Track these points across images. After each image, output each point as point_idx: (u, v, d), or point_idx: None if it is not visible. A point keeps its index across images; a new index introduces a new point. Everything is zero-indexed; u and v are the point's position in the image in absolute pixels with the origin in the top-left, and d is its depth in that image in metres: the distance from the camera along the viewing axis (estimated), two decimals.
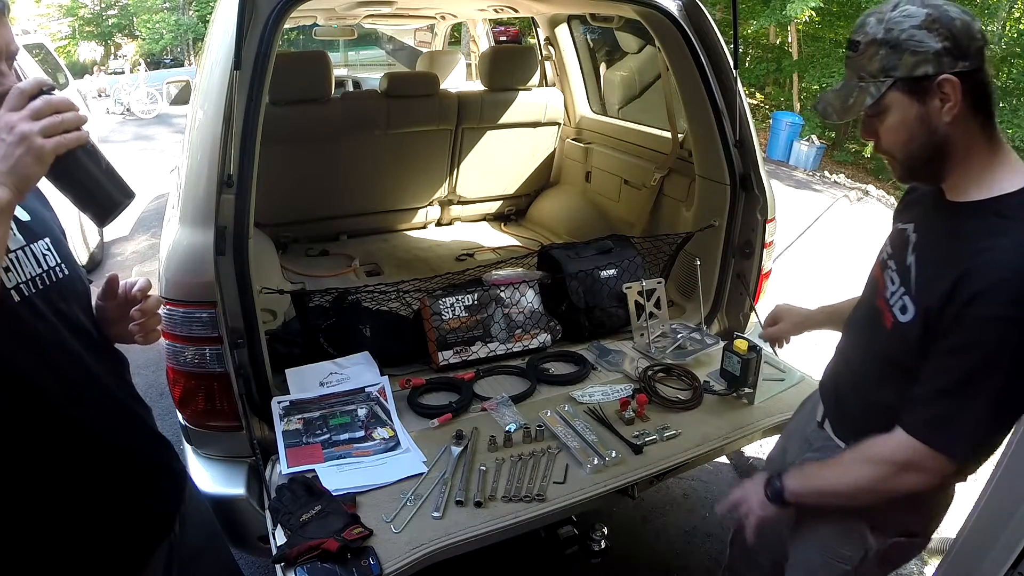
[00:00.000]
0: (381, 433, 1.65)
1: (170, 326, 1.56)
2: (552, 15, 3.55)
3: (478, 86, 3.64)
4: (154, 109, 12.62)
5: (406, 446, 1.61)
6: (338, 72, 5.40)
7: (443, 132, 3.35)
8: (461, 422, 1.72)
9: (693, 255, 2.31)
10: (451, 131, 3.36)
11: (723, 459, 2.56)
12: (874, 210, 7.60)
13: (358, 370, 1.85)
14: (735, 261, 2.28)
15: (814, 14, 9.43)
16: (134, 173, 7.67)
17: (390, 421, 1.69)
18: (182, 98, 3.46)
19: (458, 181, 3.59)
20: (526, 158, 3.68)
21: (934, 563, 2.50)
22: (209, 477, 1.65)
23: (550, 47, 3.71)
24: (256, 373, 1.68)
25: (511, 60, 3.46)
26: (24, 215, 1.01)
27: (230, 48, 1.57)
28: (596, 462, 1.55)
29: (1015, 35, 9.51)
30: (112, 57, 26.92)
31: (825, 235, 3.89)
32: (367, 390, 1.78)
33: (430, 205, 3.65)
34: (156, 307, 1.11)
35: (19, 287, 0.92)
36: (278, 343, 1.95)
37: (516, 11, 3.40)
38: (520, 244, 3.49)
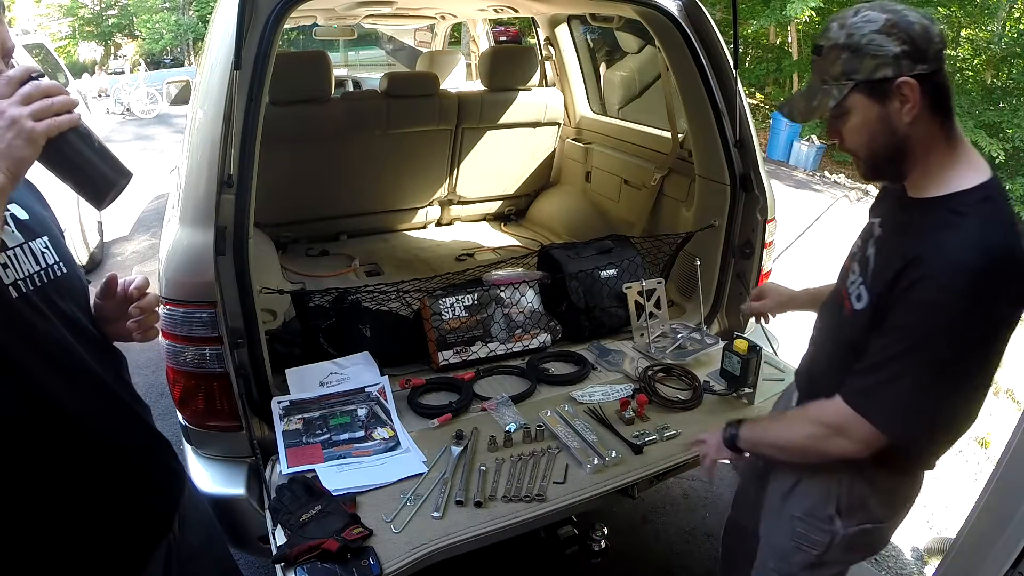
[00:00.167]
0: (381, 433, 1.65)
1: (170, 326, 1.56)
2: (552, 15, 3.55)
3: (478, 86, 3.64)
4: (154, 109, 12.62)
5: (406, 446, 1.61)
6: (338, 72, 5.40)
7: (443, 132, 3.35)
8: (461, 422, 1.72)
9: (693, 255, 2.31)
10: (451, 131, 3.36)
11: (723, 459, 2.56)
12: None
13: (358, 370, 1.85)
14: (735, 261, 2.28)
15: (814, 14, 9.43)
16: (134, 173, 7.67)
17: (390, 421, 1.69)
18: (182, 98, 3.46)
19: (458, 181, 3.59)
20: (526, 158, 3.68)
21: (934, 563, 2.50)
22: (209, 477, 1.65)
23: (550, 47, 3.71)
24: (256, 373, 1.68)
25: (511, 60, 3.46)
26: (23, 213, 1.01)
27: (230, 48, 1.57)
28: (596, 462, 1.55)
29: (1015, 35, 9.50)
30: (112, 57, 26.92)
31: (825, 235, 3.89)
32: (367, 390, 1.78)
33: (430, 205, 3.65)
34: (154, 305, 1.11)
35: (16, 284, 0.92)
36: (278, 343, 1.95)
37: (516, 11, 3.40)
38: (520, 244, 3.49)
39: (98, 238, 5.05)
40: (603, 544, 1.70)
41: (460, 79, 4.27)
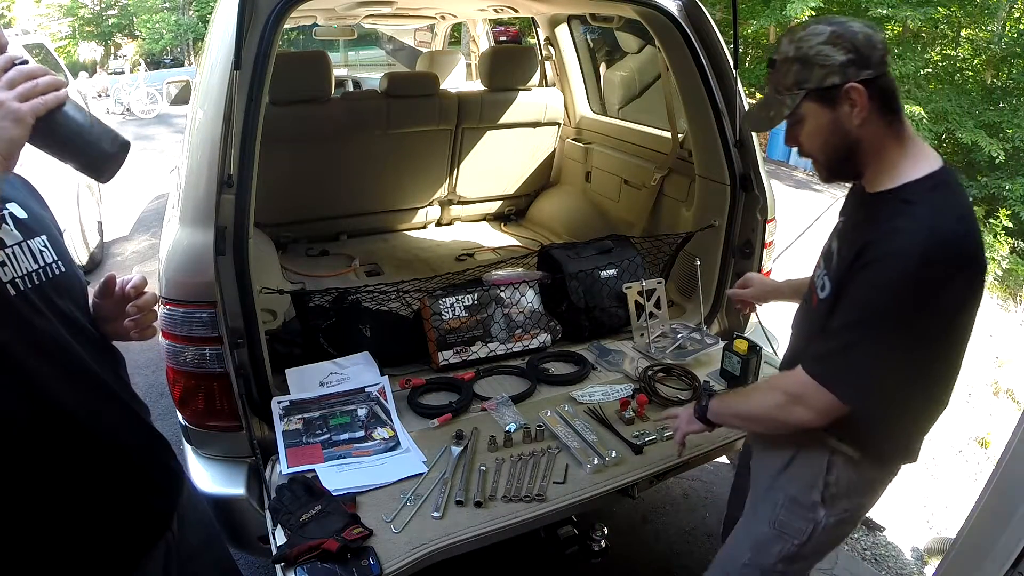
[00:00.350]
0: (381, 433, 1.65)
1: (170, 326, 1.56)
2: (552, 15, 3.55)
3: (478, 86, 3.64)
4: (154, 109, 12.61)
5: (406, 446, 1.61)
6: (338, 72, 5.40)
7: (443, 132, 3.35)
8: (461, 422, 1.72)
9: (693, 255, 2.31)
10: (451, 131, 3.36)
11: (723, 459, 2.56)
12: None
13: (358, 370, 1.85)
14: (735, 261, 2.28)
15: (814, 14, 9.43)
16: (134, 173, 7.68)
17: (390, 421, 1.69)
18: (182, 98, 3.46)
19: (458, 181, 3.59)
20: (526, 158, 3.68)
21: (934, 563, 2.51)
22: (209, 477, 1.65)
23: (550, 47, 3.71)
24: (256, 373, 1.68)
25: (511, 60, 3.46)
26: (21, 212, 1.02)
27: (230, 48, 1.57)
28: (596, 462, 1.55)
29: (1015, 35, 9.50)
30: (112, 57, 26.92)
31: (825, 235, 3.88)
32: (367, 390, 1.78)
33: (430, 205, 3.65)
34: (151, 304, 1.12)
35: (14, 281, 0.93)
36: (278, 343, 1.95)
37: (516, 11, 3.40)
38: (520, 244, 3.49)
39: (98, 238, 5.05)
40: (603, 544, 1.70)
41: (460, 79, 4.27)
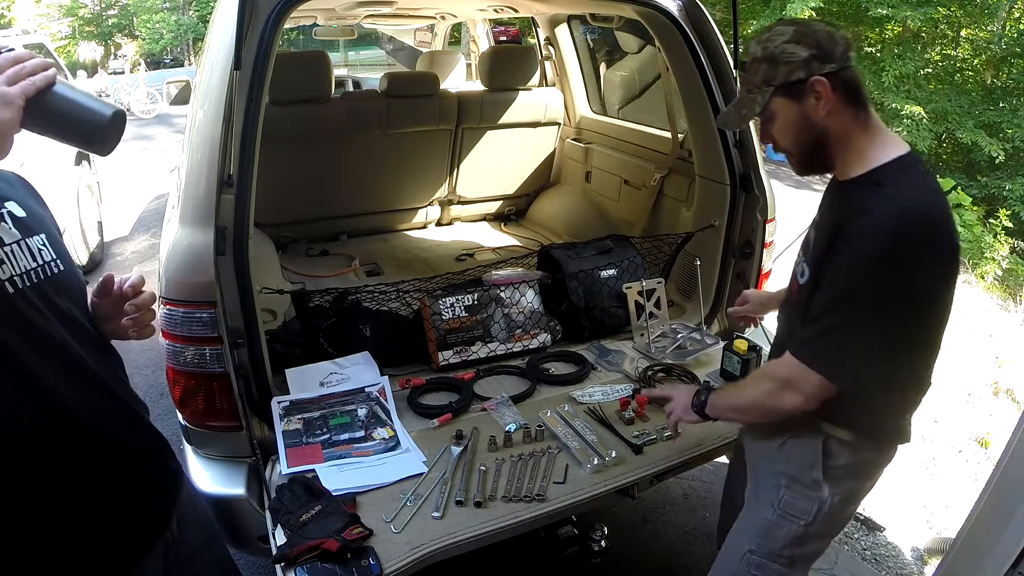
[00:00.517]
0: (381, 433, 1.65)
1: (170, 326, 1.56)
2: (552, 15, 3.55)
3: (478, 86, 3.64)
4: (154, 109, 12.60)
5: (406, 446, 1.61)
6: (338, 72, 5.40)
7: (443, 132, 3.35)
8: (461, 422, 1.72)
9: (693, 255, 2.31)
10: (451, 131, 3.36)
11: (723, 459, 2.56)
12: None
13: (358, 370, 1.85)
14: (735, 261, 2.28)
15: (814, 14, 9.42)
16: (134, 173, 7.67)
17: (390, 421, 1.69)
18: (182, 98, 3.45)
19: (458, 181, 3.59)
20: (526, 158, 3.68)
21: (934, 563, 2.50)
22: (209, 477, 1.65)
23: (550, 47, 3.71)
24: (256, 373, 1.68)
25: (511, 60, 3.46)
26: (20, 211, 1.02)
27: (230, 48, 1.57)
28: (596, 462, 1.55)
29: (1015, 35, 9.50)
30: (112, 57, 26.89)
31: None
32: (367, 390, 1.78)
33: (430, 205, 3.65)
34: (150, 302, 1.12)
35: (13, 279, 0.93)
36: (278, 343, 1.95)
37: (516, 11, 3.40)
38: (520, 244, 3.49)
39: (98, 238, 5.04)
40: (603, 544, 1.70)
41: (460, 79, 4.27)
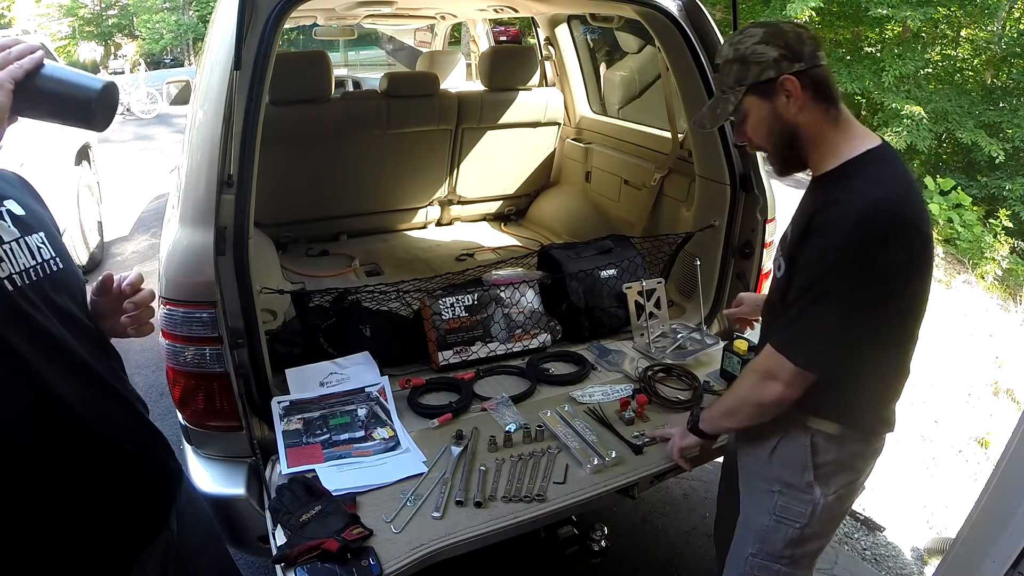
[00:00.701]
0: (381, 433, 1.65)
1: (170, 326, 1.56)
2: (552, 15, 3.55)
3: (478, 86, 3.64)
4: (154, 109, 12.58)
5: (406, 446, 1.61)
6: (338, 72, 5.40)
7: (443, 132, 3.35)
8: (461, 422, 1.72)
9: (693, 255, 2.30)
10: (451, 131, 3.36)
11: (722, 460, 2.57)
12: None
13: (358, 370, 1.85)
14: (735, 261, 2.28)
15: (814, 14, 9.42)
16: (134, 173, 7.67)
17: (390, 421, 1.69)
18: (182, 98, 3.45)
19: (458, 181, 3.59)
20: (526, 158, 3.68)
21: (934, 563, 2.50)
22: (209, 477, 1.65)
23: (550, 47, 3.71)
24: (256, 373, 1.68)
25: (511, 60, 3.45)
26: (18, 209, 1.02)
27: (230, 48, 1.57)
28: (596, 462, 1.55)
29: (1015, 35, 9.49)
30: (112, 57, 26.90)
31: None
32: (367, 390, 1.78)
33: (430, 205, 3.65)
34: (148, 300, 1.12)
35: (12, 277, 0.93)
36: (278, 343, 1.94)
37: (516, 11, 3.40)
38: (520, 244, 3.49)
39: (98, 238, 5.04)
40: (603, 544, 1.70)
41: (460, 79, 4.26)
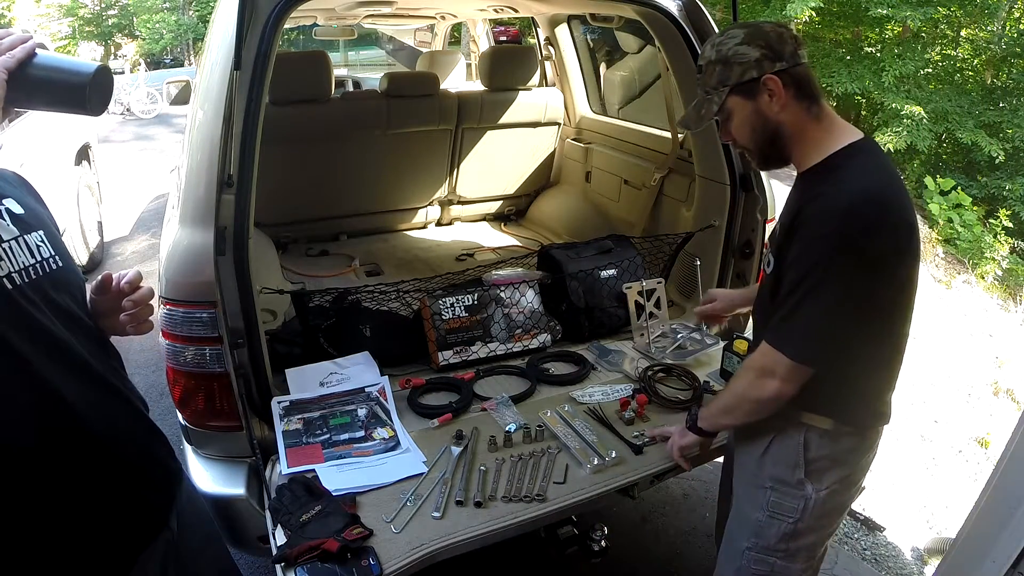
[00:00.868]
0: (381, 433, 1.65)
1: (170, 326, 1.56)
2: (552, 15, 3.55)
3: (478, 86, 3.64)
4: (154, 109, 12.58)
5: (406, 446, 1.61)
6: (338, 72, 5.40)
7: (443, 132, 3.35)
8: (461, 422, 1.72)
9: (693, 255, 2.31)
10: (451, 131, 3.36)
11: (722, 459, 2.57)
12: None
13: (358, 370, 1.85)
14: (735, 261, 2.28)
15: (814, 14, 9.42)
16: (134, 173, 7.67)
17: (390, 421, 1.69)
18: (182, 98, 3.45)
19: (458, 181, 3.59)
20: (526, 158, 3.68)
21: (934, 563, 2.50)
22: (209, 477, 1.65)
23: (550, 47, 3.71)
24: (256, 373, 1.68)
25: (511, 60, 3.45)
26: (17, 208, 1.02)
27: (230, 48, 1.57)
28: (596, 462, 1.55)
29: (1015, 35, 9.49)
30: (112, 57, 26.87)
31: None
32: (367, 390, 1.78)
33: (430, 205, 3.65)
34: (147, 298, 1.12)
35: (11, 276, 0.94)
36: (278, 343, 1.95)
37: (516, 11, 3.40)
38: (520, 244, 3.49)
39: (98, 238, 5.04)
40: (603, 544, 1.70)
41: (460, 79, 4.27)
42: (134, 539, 1.09)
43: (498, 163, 3.61)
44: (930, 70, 9.72)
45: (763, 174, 2.19)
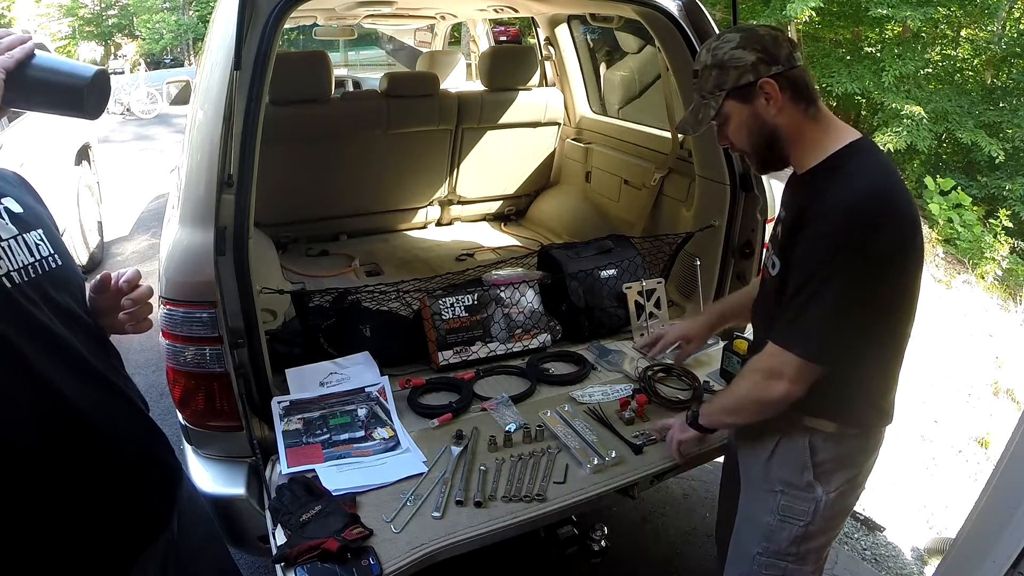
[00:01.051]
0: (381, 433, 1.65)
1: (170, 326, 1.56)
2: (552, 15, 3.55)
3: (478, 86, 3.64)
4: (154, 109, 12.59)
5: (406, 446, 1.61)
6: (338, 72, 5.40)
7: (443, 132, 3.35)
8: (461, 422, 1.72)
9: (693, 255, 2.31)
10: (451, 131, 3.36)
11: (723, 459, 2.57)
12: None
13: (358, 370, 1.85)
14: (735, 261, 2.28)
15: (814, 14, 9.41)
16: (134, 173, 7.67)
17: (390, 421, 1.69)
18: (182, 98, 3.45)
19: (458, 181, 3.59)
20: (526, 158, 3.68)
21: (934, 563, 2.50)
22: (209, 477, 1.65)
23: (550, 47, 3.71)
24: (256, 373, 1.68)
25: (511, 60, 3.45)
26: (16, 207, 1.03)
27: (230, 48, 1.57)
28: (596, 462, 1.55)
29: (1015, 35, 9.49)
30: (112, 57, 26.87)
31: None
32: (367, 390, 1.78)
33: (430, 205, 3.65)
34: (146, 296, 1.12)
35: (10, 274, 0.94)
36: (278, 343, 1.94)
37: (516, 11, 3.40)
38: (520, 244, 3.49)
39: (98, 238, 5.05)
40: (603, 544, 1.70)
41: (460, 79, 4.26)
42: (134, 538, 1.09)
43: (498, 163, 3.61)
44: (930, 70, 9.71)
45: None
